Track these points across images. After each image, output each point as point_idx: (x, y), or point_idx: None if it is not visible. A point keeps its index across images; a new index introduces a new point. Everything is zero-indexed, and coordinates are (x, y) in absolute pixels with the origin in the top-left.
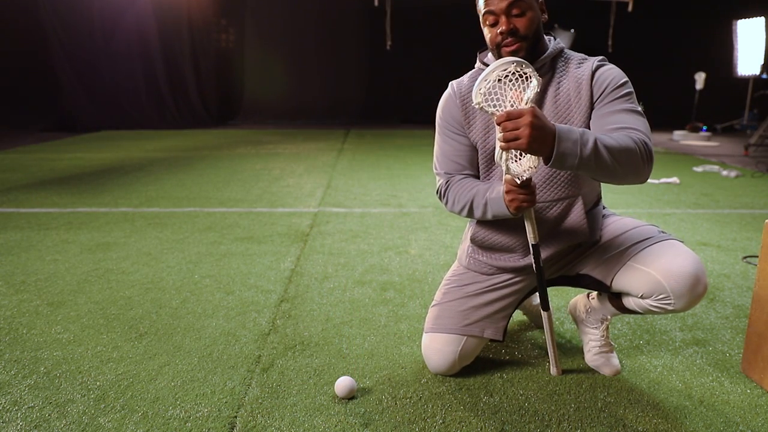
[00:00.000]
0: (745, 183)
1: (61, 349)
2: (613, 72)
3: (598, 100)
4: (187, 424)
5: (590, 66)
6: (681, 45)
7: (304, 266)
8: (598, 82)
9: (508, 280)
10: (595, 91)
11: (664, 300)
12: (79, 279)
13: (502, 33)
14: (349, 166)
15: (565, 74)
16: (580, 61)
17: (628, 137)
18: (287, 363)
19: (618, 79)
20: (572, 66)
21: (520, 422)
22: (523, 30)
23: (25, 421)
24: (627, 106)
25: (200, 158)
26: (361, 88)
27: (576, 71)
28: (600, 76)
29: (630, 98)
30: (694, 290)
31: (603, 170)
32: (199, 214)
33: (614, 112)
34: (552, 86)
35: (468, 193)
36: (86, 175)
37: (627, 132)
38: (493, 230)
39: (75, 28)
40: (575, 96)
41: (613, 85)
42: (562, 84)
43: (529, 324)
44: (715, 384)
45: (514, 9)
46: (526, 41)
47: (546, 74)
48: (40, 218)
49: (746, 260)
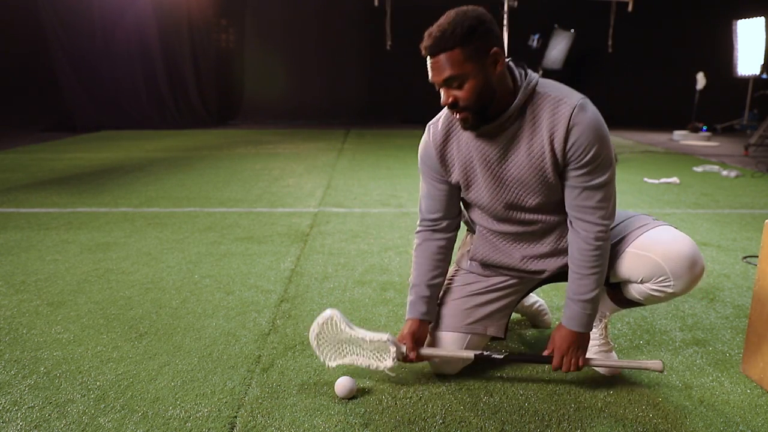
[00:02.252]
0: (745, 183)
1: (61, 349)
2: (587, 135)
3: (570, 165)
4: (187, 424)
5: (566, 118)
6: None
7: (304, 266)
8: (572, 149)
9: (507, 281)
10: (568, 155)
11: (663, 282)
12: (79, 279)
13: (444, 104)
14: (349, 166)
15: (539, 122)
16: (555, 105)
17: (594, 251)
18: (287, 363)
19: (591, 145)
20: (546, 111)
21: (520, 422)
22: (462, 102)
23: (25, 421)
24: (596, 182)
25: (200, 158)
26: (361, 88)
27: (551, 119)
28: (575, 142)
29: (600, 172)
30: (692, 271)
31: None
32: (199, 214)
33: (584, 189)
34: (525, 135)
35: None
36: (86, 175)
37: (592, 221)
38: (493, 251)
39: (75, 28)
40: (549, 150)
41: (586, 156)
42: (536, 134)
43: (529, 324)
44: (715, 384)
45: (453, 81)
46: (468, 110)
47: (515, 123)
48: (40, 218)
49: (746, 260)
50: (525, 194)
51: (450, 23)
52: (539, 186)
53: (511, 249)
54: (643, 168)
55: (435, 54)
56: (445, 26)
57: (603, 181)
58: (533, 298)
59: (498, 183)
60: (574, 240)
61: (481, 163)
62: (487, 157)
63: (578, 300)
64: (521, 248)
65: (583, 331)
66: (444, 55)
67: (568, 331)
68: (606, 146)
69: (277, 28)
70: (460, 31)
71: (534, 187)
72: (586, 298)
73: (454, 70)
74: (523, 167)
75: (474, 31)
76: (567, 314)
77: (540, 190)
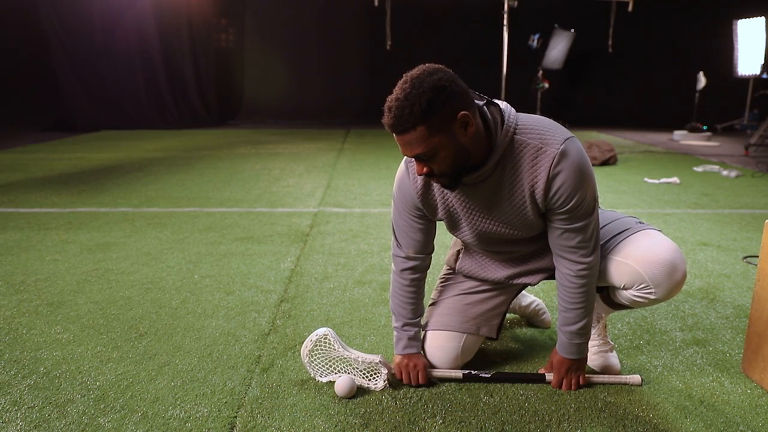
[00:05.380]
0: (746, 183)
1: (61, 349)
2: (569, 185)
3: (552, 211)
4: (187, 424)
5: (546, 169)
6: (681, 45)
7: (304, 266)
8: (554, 198)
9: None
10: (550, 203)
11: (644, 290)
12: (79, 279)
13: (419, 175)
14: (349, 166)
15: (520, 173)
16: (534, 155)
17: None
18: (287, 363)
19: (574, 193)
20: (526, 162)
21: (520, 422)
22: (437, 171)
23: (25, 421)
24: (578, 225)
25: (200, 158)
26: (361, 88)
27: (531, 171)
28: (556, 192)
29: (582, 217)
30: (672, 277)
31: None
32: (199, 214)
33: (565, 231)
34: (505, 186)
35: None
36: (86, 175)
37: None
38: (479, 268)
39: (75, 28)
40: (530, 201)
41: (568, 204)
42: (516, 185)
43: (529, 324)
44: (715, 384)
45: (424, 156)
46: (444, 177)
47: (494, 173)
48: (40, 218)
49: (746, 260)
50: (510, 232)
51: (407, 98)
52: (523, 226)
53: (497, 268)
54: (644, 168)
55: (399, 133)
56: (403, 102)
57: (584, 224)
58: (530, 298)
59: (481, 227)
60: (558, 275)
61: (463, 211)
62: (469, 206)
63: (566, 331)
64: (507, 268)
65: (576, 357)
66: (408, 134)
67: (563, 358)
68: (589, 190)
69: (277, 28)
70: (418, 108)
71: (518, 226)
72: (572, 330)
73: (422, 148)
74: (505, 214)
75: (433, 103)
76: (558, 342)
77: (525, 228)
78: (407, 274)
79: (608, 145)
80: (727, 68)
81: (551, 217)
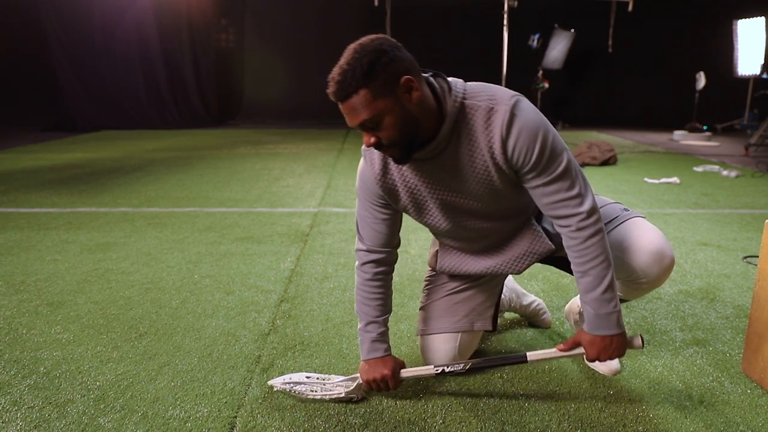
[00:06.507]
0: (746, 183)
1: (61, 349)
2: (525, 138)
3: (521, 171)
4: (187, 424)
5: (499, 128)
6: (681, 45)
7: (304, 266)
8: (514, 156)
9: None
10: (513, 162)
11: (634, 277)
12: (79, 279)
13: (368, 146)
14: (349, 166)
15: (475, 137)
16: (486, 116)
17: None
18: (287, 363)
19: (533, 145)
20: (479, 124)
21: (520, 422)
22: (386, 140)
23: (25, 421)
24: (553, 176)
25: (200, 158)
26: None
27: (486, 133)
28: (514, 149)
29: (552, 165)
30: (661, 264)
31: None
32: (199, 214)
33: (544, 187)
34: (464, 153)
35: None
36: (86, 175)
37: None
38: (459, 263)
39: (75, 28)
40: (492, 164)
41: (531, 158)
42: (475, 151)
43: (528, 324)
44: (715, 384)
45: (369, 123)
46: (394, 147)
47: (450, 143)
48: (40, 218)
49: (747, 260)
50: (479, 206)
51: (349, 63)
52: (492, 197)
53: (477, 260)
54: (644, 168)
55: (343, 99)
56: (345, 68)
57: (559, 172)
58: (531, 298)
59: (449, 204)
60: (564, 241)
61: (427, 189)
62: (431, 181)
63: (589, 300)
64: (487, 259)
65: (609, 333)
66: (352, 99)
67: (592, 337)
68: (548, 138)
69: (277, 28)
70: (360, 70)
71: (486, 198)
72: (594, 296)
73: (367, 113)
74: (470, 184)
75: (375, 65)
76: (586, 320)
77: (494, 198)
78: (369, 267)
79: (608, 145)
80: (727, 68)
81: (525, 180)
